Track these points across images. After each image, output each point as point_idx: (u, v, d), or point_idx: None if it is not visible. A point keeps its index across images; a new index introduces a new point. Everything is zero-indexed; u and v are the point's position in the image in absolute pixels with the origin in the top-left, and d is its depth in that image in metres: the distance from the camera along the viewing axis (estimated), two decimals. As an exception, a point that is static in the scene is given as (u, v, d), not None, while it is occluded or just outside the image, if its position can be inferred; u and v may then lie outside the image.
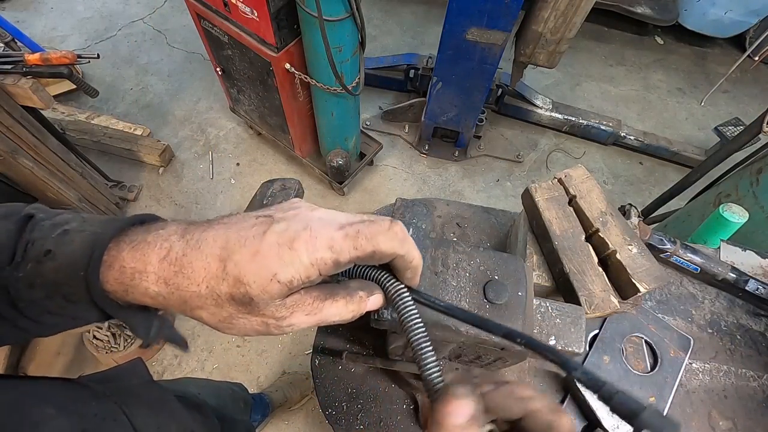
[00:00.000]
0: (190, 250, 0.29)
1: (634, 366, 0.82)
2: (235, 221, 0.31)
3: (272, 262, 0.28)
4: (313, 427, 1.78)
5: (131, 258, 0.29)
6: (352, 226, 0.30)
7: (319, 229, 0.29)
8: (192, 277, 0.29)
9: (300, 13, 1.51)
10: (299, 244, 0.28)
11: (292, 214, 0.31)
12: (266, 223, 0.30)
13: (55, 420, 0.39)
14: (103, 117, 2.46)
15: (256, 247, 0.28)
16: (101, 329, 1.68)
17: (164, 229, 0.31)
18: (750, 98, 3.12)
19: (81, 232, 0.31)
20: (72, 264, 0.30)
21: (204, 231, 0.30)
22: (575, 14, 1.65)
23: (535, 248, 0.77)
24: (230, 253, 0.28)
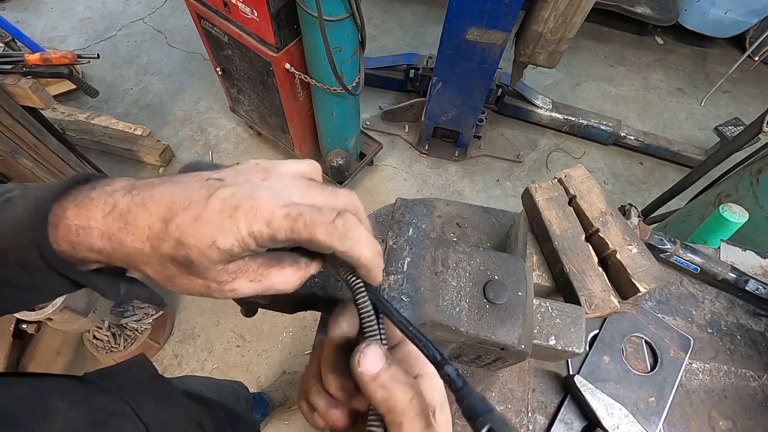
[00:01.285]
0: (135, 206, 0.28)
1: (634, 366, 0.82)
2: (185, 180, 0.30)
3: (212, 228, 0.27)
4: (313, 427, 1.78)
5: (75, 215, 0.29)
6: (298, 207, 0.29)
7: (263, 201, 0.28)
8: (136, 234, 0.28)
9: (300, 13, 1.51)
10: (240, 213, 0.27)
11: (244, 179, 0.30)
12: (213, 187, 0.29)
13: (65, 412, 0.39)
14: (103, 117, 2.46)
15: (198, 211, 0.28)
16: (101, 329, 1.68)
17: (110, 185, 0.30)
18: (750, 98, 3.12)
19: (24, 197, 0.31)
20: (17, 228, 0.29)
21: (151, 188, 0.29)
22: (575, 14, 1.65)
23: (535, 248, 0.77)
24: (173, 215, 0.28)
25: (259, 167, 0.32)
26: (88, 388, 0.47)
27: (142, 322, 1.75)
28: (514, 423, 0.78)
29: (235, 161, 2.47)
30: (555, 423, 0.76)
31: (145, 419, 0.47)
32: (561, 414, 0.77)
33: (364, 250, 0.30)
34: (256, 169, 0.32)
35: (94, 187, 0.30)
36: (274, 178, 0.31)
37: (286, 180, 0.32)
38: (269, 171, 0.32)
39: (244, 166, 0.32)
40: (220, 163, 0.36)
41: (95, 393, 0.47)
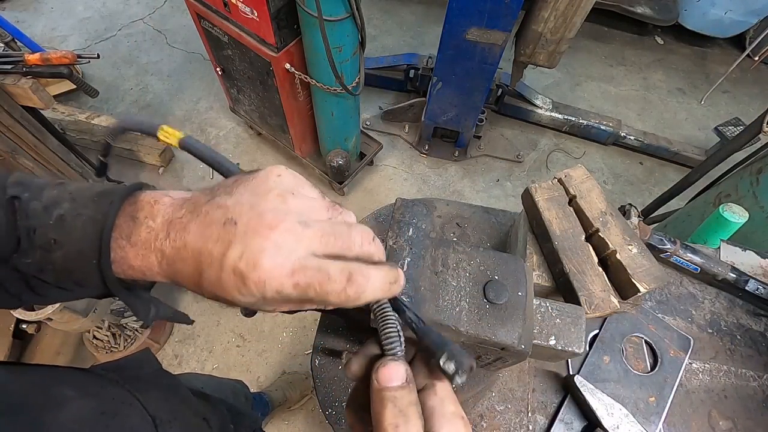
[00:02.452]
0: (178, 257, 0.32)
1: (634, 366, 0.82)
2: (208, 219, 0.31)
3: (231, 290, 0.30)
4: (313, 427, 1.78)
5: (135, 257, 0.33)
6: (307, 275, 0.29)
7: (271, 271, 0.29)
8: (186, 280, 0.32)
9: (300, 13, 1.51)
10: (249, 282, 0.29)
11: (253, 228, 0.30)
12: (227, 240, 0.30)
13: (75, 401, 0.40)
14: (103, 117, 2.46)
15: (217, 273, 0.30)
16: (101, 329, 1.68)
17: (153, 220, 0.33)
18: (750, 98, 3.12)
19: (77, 216, 0.33)
20: (80, 253, 0.32)
21: (184, 231, 0.31)
22: (575, 14, 1.65)
23: (535, 248, 0.77)
24: (202, 270, 0.31)
25: (278, 191, 0.32)
26: (96, 379, 0.48)
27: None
28: (514, 423, 0.78)
29: (236, 161, 2.47)
30: (555, 423, 0.76)
31: (151, 411, 0.48)
32: (561, 414, 0.77)
33: (378, 294, 0.32)
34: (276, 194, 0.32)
35: (140, 221, 0.33)
36: (293, 201, 0.32)
37: (306, 204, 0.33)
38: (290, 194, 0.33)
39: (263, 188, 0.32)
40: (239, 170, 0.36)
41: (103, 384, 0.48)
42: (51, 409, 0.37)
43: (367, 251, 0.33)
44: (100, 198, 0.34)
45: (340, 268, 0.30)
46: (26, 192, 0.34)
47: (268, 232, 0.30)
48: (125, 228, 0.33)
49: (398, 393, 0.30)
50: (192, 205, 0.33)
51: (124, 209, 0.33)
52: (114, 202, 0.33)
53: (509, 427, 0.77)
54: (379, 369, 0.31)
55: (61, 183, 0.35)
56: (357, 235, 0.33)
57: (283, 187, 0.33)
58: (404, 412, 0.29)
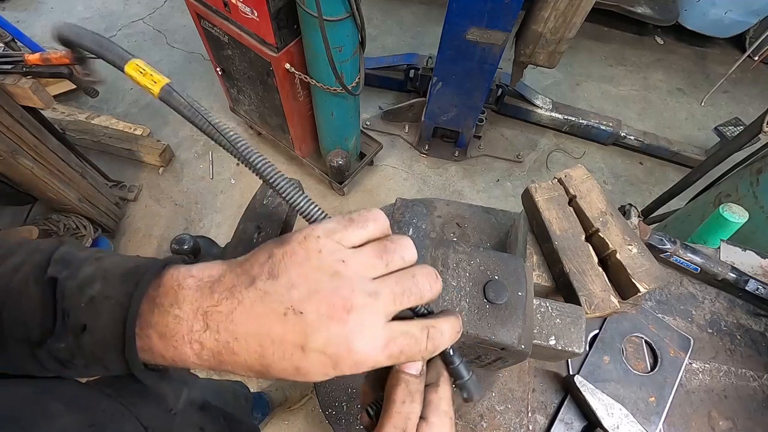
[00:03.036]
0: (224, 350, 0.30)
1: (634, 366, 0.82)
2: (259, 309, 0.29)
3: (317, 375, 0.30)
4: (313, 426, 1.78)
5: (165, 349, 0.31)
6: (397, 344, 0.31)
7: (365, 353, 0.29)
8: (236, 371, 0.31)
9: (300, 13, 1.51)
10: (344, 366, 0.29)
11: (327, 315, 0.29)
12: (300, 330, 0.29)
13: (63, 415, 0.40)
14: (103, 117, 2.46)
15: (297, 362, 0.29)
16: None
17: (180, 308, 0.30)
18: (750, 98, 3.12)
19: (105, 299, 0.32)
20: (106, 341, 0.31)
21: (230, 322, 0.29)
22: (575, 14, 1.65)
23: (535, 248, 0.77)
24: (270, 363, 0.30)
25: (330, 264, 0.31)
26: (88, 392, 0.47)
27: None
28: (514, 423, 0.77)
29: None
30: (555, 423, 0.76)
31: (145, 422, 0.47)
32: (561, 414, 0.77)
33: (448, 344, 0.35)
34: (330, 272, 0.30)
35: (164, 305, 0.31)
36: (347, 270, 0.31)
37: (360, 265, 0.31)
38: (341, 263, 0.31)
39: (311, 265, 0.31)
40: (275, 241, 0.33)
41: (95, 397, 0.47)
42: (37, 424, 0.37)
43: (436, 292, 0.34)
44: (127, 278, 0.32)
45: (420, 328, 0.33)
46: (65, 270, 0.33)
47: (345, 316, 0.29)
48: (149, 317, 0.31)
49: (412, 379, 0.35)
50: (227, 291, 0.30)
51: (149, 294, 0.32)
52: (140, 284, 0.31)
53: (509, 427, 0.77)
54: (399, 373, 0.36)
55: (100, 258, 0.34)
56: (424, 281, 0.33)
57: (331, 261, 0.31)
58: (412, 394, 0.34)
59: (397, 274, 0.33)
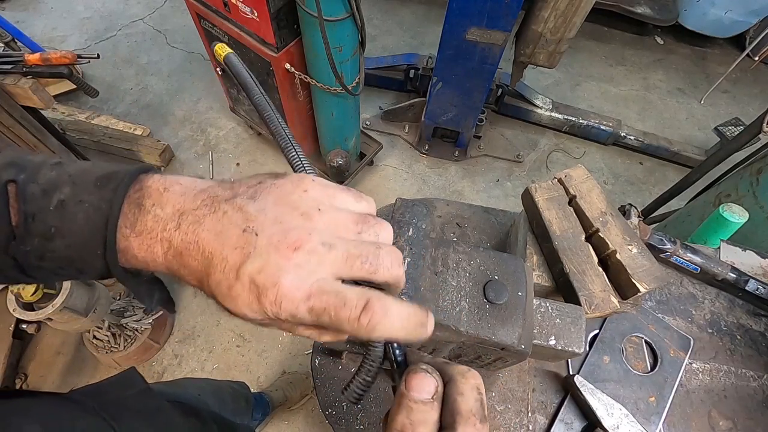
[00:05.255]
0: (185, 250, 0.30)
1: (634, 366, 0.82)
2: (227, 220, 0.30)
3: (242, 303, 0.29)
4: (313, 427, 1.78)
5: (139, 248, 0.31)
6: (322, 299, 0.28)
7: (288, 292, 0.28)
8: (190, 275, 0.31)
9: (300, 13, 1.51)
10: (264, 300, 0.28)
11: (275, 245, 0.29)
12: (246, 251, 0.29)
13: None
14: (103, 117, 2.46)
15: (231, 282, 0.29)
16: (101, 329, 1.68)
17: (162, 209, 0.31)
18: (750, 98, 3.12)
19: (79, 204, 0.31)
20: (83, 243, 0.31)
21: (198, 225, 0.30)
22: (575, 14, 1.65)
23: (535, 248, 0.77)
24: (211, 273, 0.29)
25: (304, 209, 0.31)
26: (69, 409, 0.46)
27: (142, 322, 1.75)
28: (514, 423, 0.77)
29: (236, 161, 2.47)
30: (555, 423, 0.76)
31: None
32: (561, 414, 0.77)
33: (395, 332, 0.29)
34: (301, 212, 0.31)
35: (147, 209, 0.31)
36: (319, 218, 0.31)
37: (333, 221, 0.31)
38: (317, 211, 0.31)
39: (288, 201, 0.31)
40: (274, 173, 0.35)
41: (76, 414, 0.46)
42: None
43: (396, 276, 0.31)
44: (102, 183, 0.31)
45: (357, 294, 0.29)
46: (22, 174, 0.31)
47: (291, 253, 0.29)
48: (130, 216, 0.31)
49: (417, 405, 0.28)
50: (209, 199, 0.31)
51: (130, 196, 0.31)
52: (119, 188, 0.31)
53: (509, 427, 0.77)
54: (411, 374, 0.30)
55: (59, 163, 0.33)
56: (386, 257, 0.31)
57: (310, 204, 0.31)
58: (414, 425, 0.28)
59: (362, 238, 0.32)
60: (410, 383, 0.29)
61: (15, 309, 1.30)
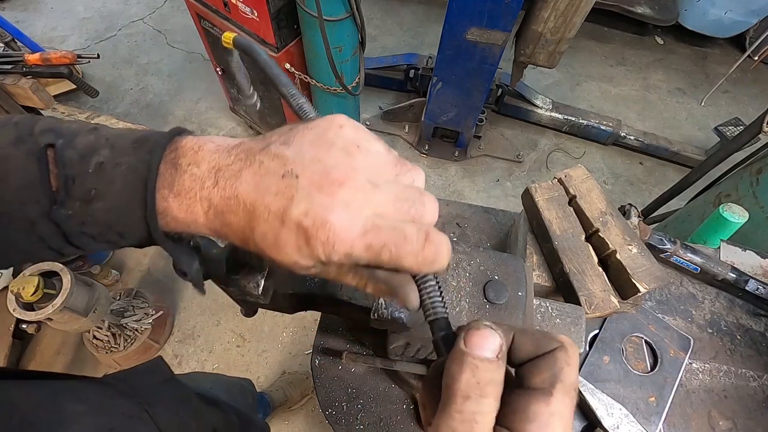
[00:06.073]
0: (225, 208, 0.29)
1: (634, 366, 0.82)
2: (264, 169, 0.29)
3: (292, 250, 0.28)
4: (314, 426, 1.78)
5: (179, 209, 0.30)
6: (380, 235, 0.27)
7: (339, 231, 0.26)
8: (234, 234, 0.30)
9: (300, 13, 1.51)
10: (315, 242, 0.27)
11: (317, 183, 0.27)
12: (288, 194, 0.27)
13: (85, 416, 0.39)
14: (103, 117, 2.46)
15: (277, 229, 0.28)
16: (101, 329, 1.68)
17: (198, 167, 0.30)
18: (750, 98, 3.12)
19: (117, 166, 0.30)
20: (123, 206, 0.30)
21: (236, 179, 0.29)
22: (575, 14, 1.65)
23: (535, 248, 0.77)
24: (255, 225, 0.28)
25: (342, 144, 0.30)
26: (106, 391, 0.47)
27: (142, 322, 1.75)
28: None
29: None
30: (555, 423, 0.76)
31: (161, 424, 0.47)
32: (561, 414, 0.77)
33: (447, 258, 0.29)
34: (339, 147, 0.30)
35: (184, 169, 0.30)
36: (359, 156, 0.29)
37: (373, 161, 0.30)
38: (356, 147, 0.30)
39: (324, 139, 0.30)
40: None
41: (114, 396, 0.47)
42: (61, 426, 0.37)
43: (435, 219, 0.30)
44: (139, 145, 0.31)
45: (416, 228, 0.27)
46: (60, 139, 0.31)
47: (336, 189, 0.27)
48: (168, 177, 0.30)
49: (483, 363, 0.25)
50: (243, 153, 0.30)
51: (166, 157, 0.31)
52: (155, 150, 0.30)
53: (509, 427, 0.76)
54: (471, 331, 0.26)
55: (95, 128, 0.33)
56: (429, 203, 0.30)
57: (348, 140, 0.30)
58: (482, 385, 0.24)
59: (404, 184, 0.31)
60: (471, 340, 0.25)
61: (15, 309, 1.30)
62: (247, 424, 0.80)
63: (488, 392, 0.24)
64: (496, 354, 0.25)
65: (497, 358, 0.25)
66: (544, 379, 0.25)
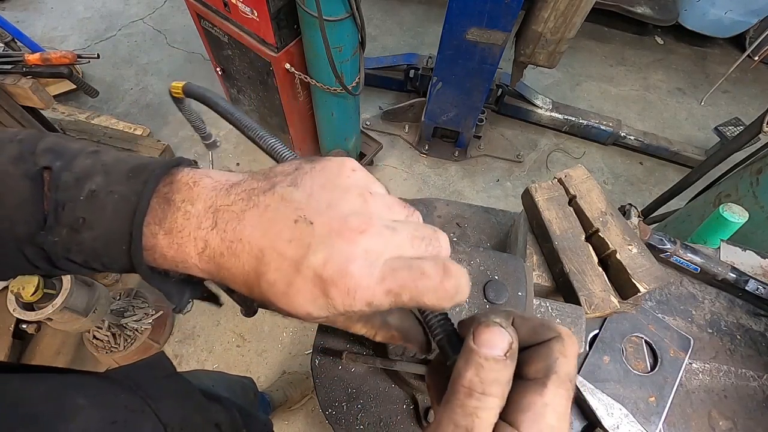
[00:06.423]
0: (226, 251, 0.28)
1: (634, 366, 0.82)
2: (272, 212, 0.27)
3: (306, 301, 0.26)
4: (314, 427, 1.78)
5: (168, 247, 0.29)
6: (397, 278, 0.26)
7: (359, 280, 0.25)
8: (233, 280, 0.29)
9: (300, 13, 1.51)
10: (335, 293, 0.26)
11: (336, 231, 0.26)
12: (304, 242, 0.26)
13: (87, 410, 0.39)
14: (103, 117, 2.46)
15: (291, 278, 0.26)
16: (101, 329, 1.68)
17: (192, 205, 0.29)
18: (750, 98, 3.12)
19: (109, 194, 0.29)
20: (110, 236, 0.29)
21: (239, 221, 0.27)
22: (575, 14, 1.65)
23: (535, 248, 0.77)
24: (265, 271, 0.27)
25: (358, 191, 0.29)
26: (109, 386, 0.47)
27: (142, 322, 1.75)
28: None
29: (236, 161, 2.47)
30: (555, 423, 0.76)
31: (164, 419, 0.47)
32: (561, 414, 0.77)
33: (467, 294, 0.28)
34: (356, 194, 0.29)
35: (175, 201, 0.29)
36: (372, 202, 0.29)
37: (385, 205, 0.29)
38: (369, 194, 0.29)
39: (338, 184, 0.29)
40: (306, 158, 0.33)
41: (116, 391, 0.47)
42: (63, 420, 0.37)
43: (448, 255, 0.30)
44: (134, 174, 0.30)
45: (432, 263, 0.27)
46: (58, 161, 0.30)
47: (357, 237, 0.26)
48: (159, 212, 0.29)
49: (488, 362, 0.24)
50: (244, 193, 0.28)
51: (159, 191, 0.29)
52: (149, 181, 0.29)
53: (509, 427, 0.76)
54: (481, 327, 0.26)
55: (96, 151, 0.32)
56: (443, 238, 0.30)
57: (361, 185, 0.29)
58: (485, 383, 0.24)
59: (417, 223, 0.31)
60: (480, 337, 0.25)
61: (15, 309, 1.30)
62: (250, 420, 0.80)
63: (493, 390, 0.24)
64: (504, 352, 0.25)
65: (505, 357, 0.25)
66: (538, 369, 0.25)
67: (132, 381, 0.49)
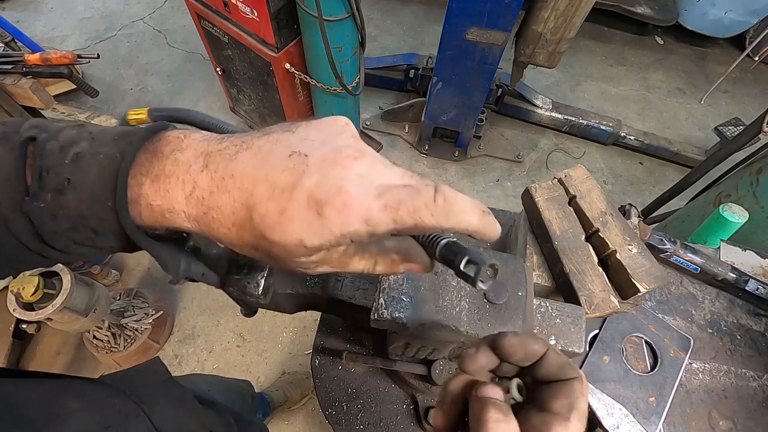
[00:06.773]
0: (216, 189, 0.27)
1: (634, 366, 0.82)
2: (265, 151, 0.27)
3: (299, 227, 0.25)
4: (314, 426, 1.78)
5: (155, 193, 0.28)
6: (393, 194, 0.26)
7: (356, 196, 0.25)
8: (221, 221, 0.28)
9: (300, 13, 1.51)
10: (330, 211, 0.25)
11: (331, 159, 0.26)
12: (298, 170, 0.26)
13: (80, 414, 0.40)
14: (103, 117, 2.45)
15: (283, 204, 0.25)
16: (101, 329, 1.68)
17: (181, 152, 0.28)
18: (750, 98, 3.12)
19: (94, 155, 0.29)
20: (94, 195, 0.29)
21: (229, 162, 0.27)
22: (575, 14, 1.65)
23: (535, 248, 0.77)
24: (256, 202, 0.26)
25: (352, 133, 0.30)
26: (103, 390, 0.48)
27: (142, 322, 1.75)
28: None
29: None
30: (555, 423, 0.76)
31: (157, 424, 0.48)
32: (561, 414, 0.77)
33: (471, 217, 0.27)
34: (350, 134, 0.30)
35: (165, 155, 0.29)
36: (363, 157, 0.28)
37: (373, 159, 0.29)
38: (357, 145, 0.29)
39: (333, 129, 0.30)
40: None
41: (110, 395, 0.47)
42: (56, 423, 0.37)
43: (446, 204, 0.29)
44: (121, 137, 0.30)
45: (424, 181, 0.27)
46: (44, 133, 0.30)
47: (351, 162, 0.26)
48: (146, 164, 0.28)
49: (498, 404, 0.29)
50: (238, 140, 0.29)
51: (146, 146, 0.29)
52: (135, 140, 0.29)
53: (509, 427, 0.76)
54: (481, 387, 0.30)
55: (82, 124, 0.32)
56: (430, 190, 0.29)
57: (355, 133, 0.30)
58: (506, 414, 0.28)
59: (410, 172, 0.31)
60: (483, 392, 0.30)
61: (15, 309, 1.30)
62: (245, 426, 0.80)
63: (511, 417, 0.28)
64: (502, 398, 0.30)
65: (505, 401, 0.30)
66: (563, 404, 0.28)
67: (126, 386, 0.49)
